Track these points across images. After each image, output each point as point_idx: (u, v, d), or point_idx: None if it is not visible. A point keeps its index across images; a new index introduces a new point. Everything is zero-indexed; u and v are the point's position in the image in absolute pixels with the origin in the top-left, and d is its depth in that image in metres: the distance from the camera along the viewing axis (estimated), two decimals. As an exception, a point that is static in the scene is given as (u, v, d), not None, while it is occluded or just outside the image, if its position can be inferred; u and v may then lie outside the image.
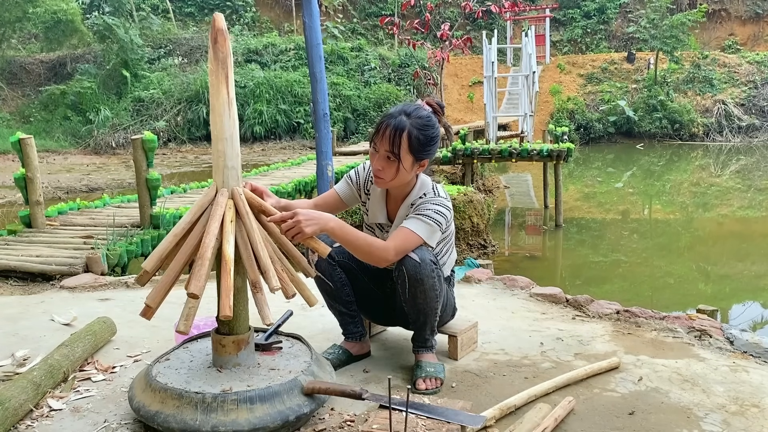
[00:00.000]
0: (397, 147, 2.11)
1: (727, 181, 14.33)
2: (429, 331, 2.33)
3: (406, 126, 2.10)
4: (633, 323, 2.92)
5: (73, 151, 19.20)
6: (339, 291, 2.39)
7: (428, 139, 2.15)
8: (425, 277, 2.16)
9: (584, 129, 21.61)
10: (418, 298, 2.20)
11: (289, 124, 21.07)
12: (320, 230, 2.00)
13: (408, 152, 2.13)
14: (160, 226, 5.34)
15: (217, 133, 1.94)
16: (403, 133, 2.10)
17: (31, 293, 3.86)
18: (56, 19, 22.12)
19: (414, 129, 2.11)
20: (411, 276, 2.15)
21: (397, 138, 2.10)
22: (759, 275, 7.35)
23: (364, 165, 2.42)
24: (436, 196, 2.25)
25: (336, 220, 2.07)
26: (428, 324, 2.30)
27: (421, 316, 2.26)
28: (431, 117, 2.18)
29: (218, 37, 1.91)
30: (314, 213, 2.01)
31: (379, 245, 2.12)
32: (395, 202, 2.35)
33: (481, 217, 7.49)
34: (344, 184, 2.44)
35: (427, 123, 2.15)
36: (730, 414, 2.03)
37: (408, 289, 2.18)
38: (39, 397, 2.08)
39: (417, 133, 2.11)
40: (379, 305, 2.50)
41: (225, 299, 1.83)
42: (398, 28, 12.35)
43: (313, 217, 1.99)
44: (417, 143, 2.12)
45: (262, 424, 1.80)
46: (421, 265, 2.15)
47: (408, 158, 2.14)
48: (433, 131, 2.15)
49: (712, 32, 25.89)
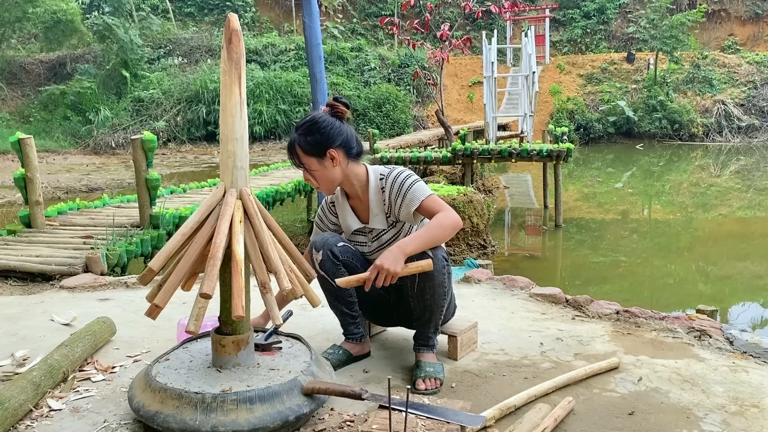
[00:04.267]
0: (296, 158, 2.26)
1: (727, 181, 14.34)
2: (433, 329, 2.34)
3: (295, 139, 2.25)
4: (633, 323, 2.92)
5: (72, 151, 19.20)
6: (342, 290, 2.39)
7: (315, 135, 2.23)
8: (436, 272, 2.18)
9: (584, 129, 21.62)
10: (426, 293, 2.22)
11: (289, 124, 21.06)
12: (404, 259, 2.07)
13: (306, 156, 2.24)
14: (160, 226, 5.33)
15: (228, 133, 1.94)
16: (294, 147, 2.25)
17: (30, 293, 3.85)
18: (56, 19, 22.15)
19: (299, 137, 2.24)
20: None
21: (294, 153, 2.26)
22: (759, 275, 7.34)
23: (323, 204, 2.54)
24: (392, 171, 2.35)
25: (405, 242, 2.11)
26: (433, 321, 2.31)
27: (427, 312, 2.27)
28: (313, 117, 2.27)
29: (233, 37, 1.92)
30: (387, 253, 2.06)
31: (438, 220, 2.17)
32: (359, 202, 2.40)
33: (481, 217, 7.48)
34: (316, 228, 2.55)
35: (309, 125, 2.24)
36: (729, 414, 2.03)
37: (417, 282, 2.21)
38: (39, 397, 2.08)
39: (303, 138, 2.23)
40: (381, 306, 2.50)
41: (237, 300, 1.83)
42: (398, 28, 12.35)
43: (390, 256, 2.05)
44: (306, 145, 2.23)
45: (261, 424, 1.80)
46: (432, 260, 2.16)
47: (311, 160, 2.24)
48: (317, 126, 2.23)
49: (711, 32, 25.90)
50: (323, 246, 2.35)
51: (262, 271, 1.91)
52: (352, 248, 2.42)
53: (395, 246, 2.10)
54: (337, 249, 2.35)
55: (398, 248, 2.08)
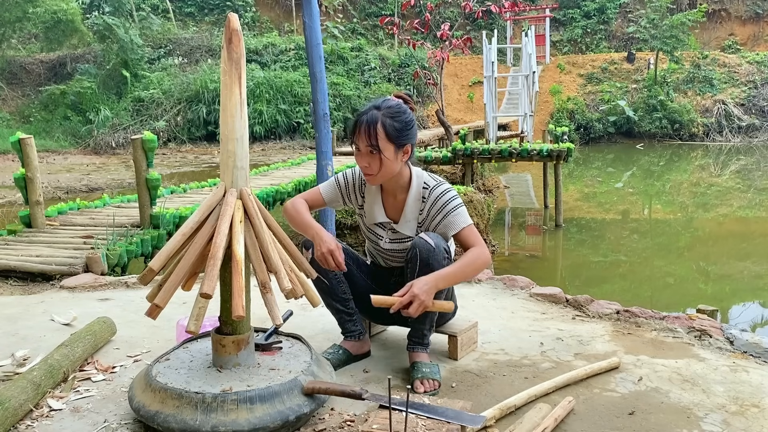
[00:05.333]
0: (374, 139, 2.15)
1: (727, 181, 14.34)
2: (428, 326, 2.31)
3: (378, 117, 2.15)
4: (633, 323, 2.92)
5: (73, 151, 19.20)
6: (335, 288, 2.39)
7: (403, 124, 2.19)
8: (435, 263, 2.16)
9: (584, 129, 21.62)
10: None
11: (289, 124, 21.08)
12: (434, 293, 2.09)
13: (387, 141, 2.16)
14: (160, 226, 5.33)
15: (228, 133, 1.94)
16: (377, 124, 2.14)
17: (31, 293, 3.85)
18: (56, 19, 22.14)
19: (387, 118, 2.16)
20: (423, 259, 2.16)
21: (372, 131, 2.14)
22: (759, 275, 7.34)
23: (354, 170, 2.42)
24: (438, 184, 2.30)
25: (441, 277, 2.11)
26: (428, 317, 2.28)
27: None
28: (401, 104, 2.22)
29: (233, 37, 1.92)
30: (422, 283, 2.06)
31: (474, 255, 2.18)
32: (392, 198, 2.36)
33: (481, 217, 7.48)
34: (330, 187, 2.44)
35: (398, 110, 2.19)
36: (730, 414, 2.03)
37: (417, 273, 2.17)
38: (39, 397, 2.08)
39: (390, 121, 2.16)
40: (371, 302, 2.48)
41: (237, 299, 1.83)
42: (398, 28, 12.34)
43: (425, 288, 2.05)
44: (393, 130, 2.16)
45: (262, 424, 1.80)
46: (434, 251, 2.16)
47: (389, 147, 2.17)
48: (406, 116, 2.20)
49: (712, 32, 25.90)
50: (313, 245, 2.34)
51: (262, 271, 1.91)
52: (342, 245, 2.42)
53: (432, 278, 2.09)
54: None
55: (434, 281, 2.08)
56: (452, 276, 2.15)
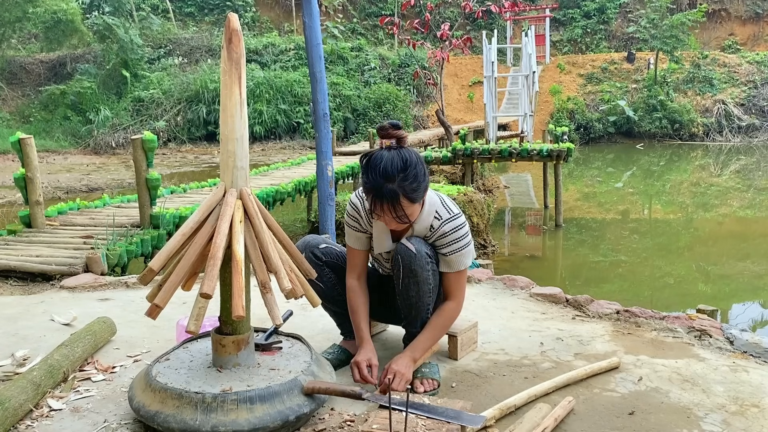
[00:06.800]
0: (400, 211, 2.05)
1: (727, 181, 14.34)
2: (420, 327, 2.29)
3: (398, 191, 2.02)
4: (633, 323, 2.92)
5: (73, 151, 19.20)
6: (330, 291, 2.39)
7: (418, 180, 2.06)
8: (418, 268, 2.15)
9: (584, 129, 21.62)
10: (411, 290, 2.19)
11: (289, 124, 21.08)
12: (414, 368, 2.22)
13: (411, 204, 2.07)
14: (160, 226, 5.33)
15: (228, 133, 1.94)
16: (399, 198, 2.03)
17: (31, 293, 3.85)
18: (56, 19, 22.14)
19: (404, 187, 2.02)
20: (405, 266, 2.16)
21: (397, 205, 2.04)
22: (759, 275, 7.34)
23: (355, 199, 2.31)
24: (451, 218, 2.21)
25: (415, 351, 2.23)
26: (419, 319, 2.27)
27: (413, 310, 2.24)
28: (405, 157, 2.05)
29: (233, 37, 1.92)
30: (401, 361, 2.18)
31: (448, 315, 2.29)
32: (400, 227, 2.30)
33: (481, 217, 7.48)
34: (352, 237, 2.33)
35: (408, 169, 2.04)
36: (730, 414, 2.03)
37: (402, 279, 2.18)
38: (39, 397, 2.08)
39: (408, 186, 2.03)
40: (372, 302, 2.48)
41: (237, 299, 1.83)
42: (398, 28, 12.35)
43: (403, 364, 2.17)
44: (413, 193, 2.05)
45: (261, 424, 1.80)
46: (416, 257, 2.14)
47: (415, 207, 2.10)
48: (416, 168, 2.05)
49: (712, 32, 25.90)
50: (305, 248, 2.33)
51: (262, 271, 1.91)
52: (335, 249, 2.41)
53: (409, 354, 2.20)
54: (319, 250, 2.34)
55: (411, 357, 2.20)
56: (429, 344, 2.26)
